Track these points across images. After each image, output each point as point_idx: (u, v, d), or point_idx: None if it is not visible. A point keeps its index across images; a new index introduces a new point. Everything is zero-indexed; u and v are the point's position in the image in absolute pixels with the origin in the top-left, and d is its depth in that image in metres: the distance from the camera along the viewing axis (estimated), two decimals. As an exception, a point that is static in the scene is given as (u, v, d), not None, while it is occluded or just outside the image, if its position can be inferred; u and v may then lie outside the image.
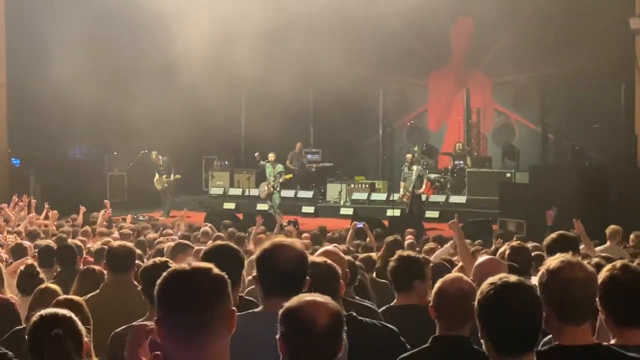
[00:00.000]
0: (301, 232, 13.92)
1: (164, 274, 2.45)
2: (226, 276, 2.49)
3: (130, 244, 5.99)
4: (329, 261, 3.92)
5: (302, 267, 3.41)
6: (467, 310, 3.68)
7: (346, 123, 22.77)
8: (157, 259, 4.53)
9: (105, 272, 6.13)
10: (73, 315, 3.29)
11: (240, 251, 4.15)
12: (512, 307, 2.81)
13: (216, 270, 2.47)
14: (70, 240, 9.03)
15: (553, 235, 5.53)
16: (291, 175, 20.57)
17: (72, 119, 20.62)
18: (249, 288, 5.49)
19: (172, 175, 20.77)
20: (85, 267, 6.23)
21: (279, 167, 20.16)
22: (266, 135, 21.04)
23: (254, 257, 3.47)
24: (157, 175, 20.95)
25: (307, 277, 3.42)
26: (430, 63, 23.46)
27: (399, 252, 5.18)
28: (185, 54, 19.04)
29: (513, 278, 2.89)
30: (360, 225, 12.65)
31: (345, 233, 12.96)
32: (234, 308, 2.49)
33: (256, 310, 3.43)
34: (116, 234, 11.05)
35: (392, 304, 5.00)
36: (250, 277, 5.13)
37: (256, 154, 20.62)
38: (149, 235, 12.27)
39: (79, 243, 8.65)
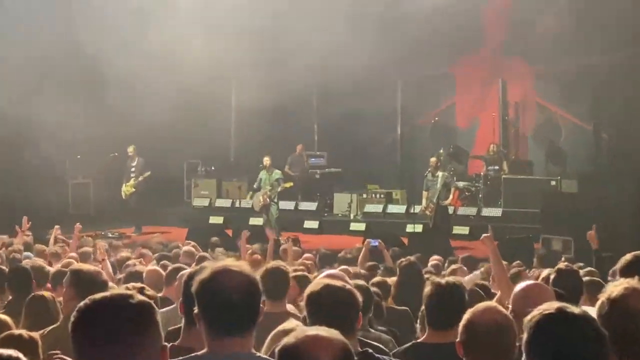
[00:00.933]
0: (303, 251, 13.88)
1: (80, 304, 2.53)
2: (152, 304, 2.54)
3: (98, 268, 5.99)
4: (348, 286, 3.91)
5: (252, 297, 3.28)
6: (501, 347, 3.66)
7: (357, 120, 22.73)
8: (132, 285, 4.49)
9: (56, 298, 6.11)
10: (21, 355, 3.25)
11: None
12: (575, 344, 2.78)
13: (139, 298, 2.54)
14: (25, 262, 8.99)
15: (627, 256, 5.41)
16: (291, 184, 20.54)
17: (28, 118, 20.61)
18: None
19: (141, 176, 20.64)
20: (32, 295, 6.18)
21: (277, 174, 20.14)
22: (260, 135, 20.99)
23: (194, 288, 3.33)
24: (124, 182, 20.76)
25: (261, 306, 3.31)
26: (459, 49, 23.44)
27: (435, 280, 5.03)
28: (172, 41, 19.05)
29: (576, 309, 2.86)
30: (374, 243, 12.60)
31: (357, 253, 12.92)
32: (165, 344, 2.53)
33: (199, 353, 3.32)
34: (74, 254, 10.86)
35: (423, 339, 4.94)
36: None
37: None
38: (121, 254, 12.16)
39: (38, 264, 8.59)
